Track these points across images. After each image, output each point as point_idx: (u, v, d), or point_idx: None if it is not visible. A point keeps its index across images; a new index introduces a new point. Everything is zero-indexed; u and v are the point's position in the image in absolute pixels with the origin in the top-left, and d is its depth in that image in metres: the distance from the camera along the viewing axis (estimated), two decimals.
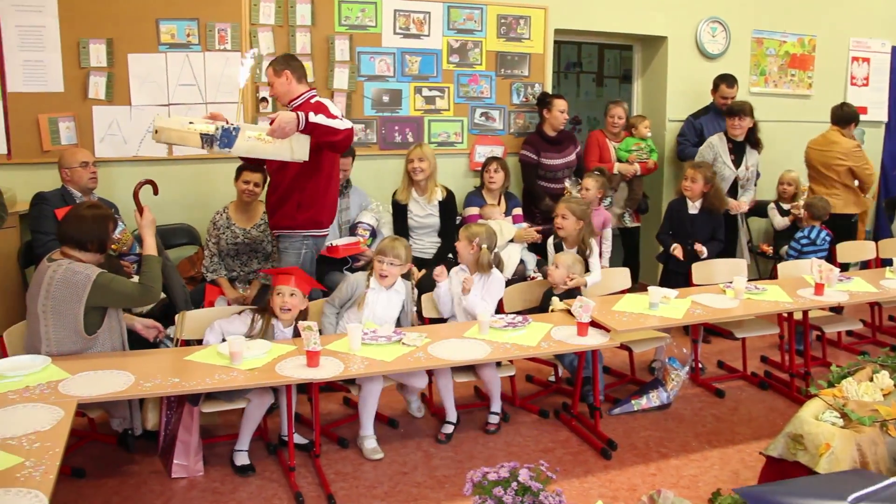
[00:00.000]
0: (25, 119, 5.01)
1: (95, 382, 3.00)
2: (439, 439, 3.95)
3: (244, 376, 3.20)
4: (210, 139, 3.74)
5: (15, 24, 4.93)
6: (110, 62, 5.15)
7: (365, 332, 3.67)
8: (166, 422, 3.61)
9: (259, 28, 5.38)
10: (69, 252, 3.43)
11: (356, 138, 5.64)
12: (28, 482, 2.14)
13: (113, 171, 5.15)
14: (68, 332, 3.35)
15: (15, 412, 2.66)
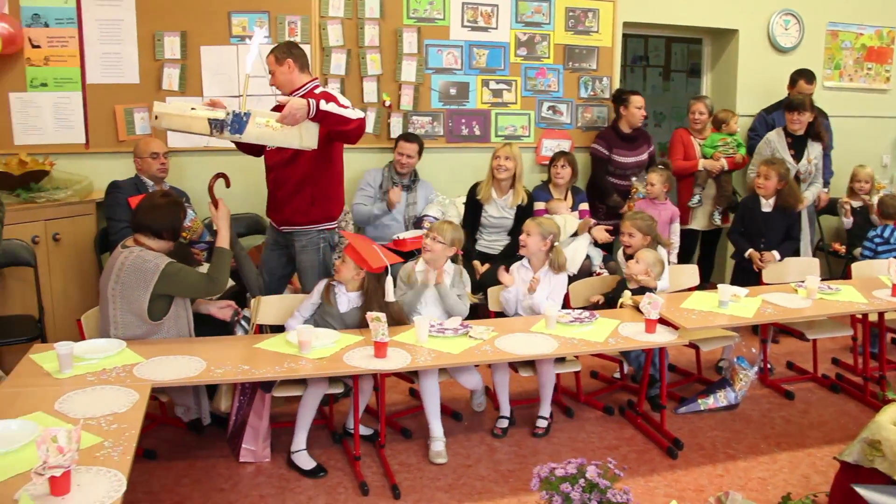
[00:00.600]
0: (103, 110, 5.15)
1: (168, 367, 3.07)
2: (495, 433, 3.95)
3: (312, 365, 3.23)
4: (220, 124, 3.62)
5: (95, 17, 5.07)
6: (184, 54, 5.25)
7: (432, 324, 3.68)
8: (238, 407, 3.67)
9: (328, 20, 5.42)
10: (141, 240, 3.52)
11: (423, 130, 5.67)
12: (107, 462, 2.20)
13: (184, 161, 5.27)
14: (134, 317, 3.44)
15: (93, 393, 2.74)
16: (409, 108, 5.66)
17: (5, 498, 1.98)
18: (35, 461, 1.98)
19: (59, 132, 5.11)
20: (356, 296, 3.79)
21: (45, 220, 4.53)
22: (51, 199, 4.59)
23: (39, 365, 3.02)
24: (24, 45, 4.98)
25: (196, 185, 4.99)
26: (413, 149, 5.16)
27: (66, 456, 1.96)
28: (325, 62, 5.46)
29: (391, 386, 4.41)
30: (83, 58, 5.09)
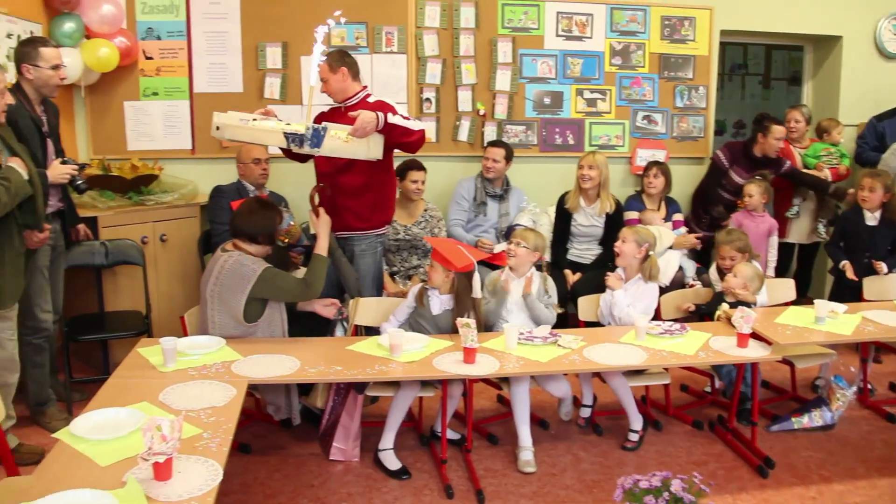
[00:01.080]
0: (208, 117, 5.34)
1: (265, 365, 3.19)
2: (626, 447, 3.93)
3: (402, 368, 3.29)
4: (299, 139, 3.82)
5: (203, 30, 5.34)
6: (284, 64, 5.46)
7: (521, 332, 3.71)
8: (332, 406, 3.78)
9: (424, 31, 5.54)
10: (240, 244, 3.67)
11: (517, 139, 5.71)
12: (205, 452, 2.32)
13: (284, 166, 5.42)
14: (230, 318, 3.58)
15: (194, 387, 2.88)
16: (503, 117, 5.72)
17: (114, 478, 2.12)
18: (140, 447, 2.11)
19: (167, 138, 5.40)
20: (448, 298, 3.85)
21: (153, 222, 4.79)
22: (159, 202, 4.85)
23: (146, 358, 3.19)
24: (139, 56, 5.28)
25: (295, 190, 5.17)
26: (499, 153, 5.20)
27: (169, 444, 2.08)
28: (421, 72, 5.57)
29: (480, 392, 4.45)
30: (191, 68, 5.37)
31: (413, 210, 5.00)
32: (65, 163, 3.77)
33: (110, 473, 2.17)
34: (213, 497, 2.06)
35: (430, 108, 5.64)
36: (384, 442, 3.67)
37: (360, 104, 4.01)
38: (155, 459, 2.07)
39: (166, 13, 5.33)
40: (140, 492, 2.03)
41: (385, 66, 5.56)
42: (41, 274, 3.87)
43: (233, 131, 3.84)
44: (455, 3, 5.53)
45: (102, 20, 4.96)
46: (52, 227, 3.89)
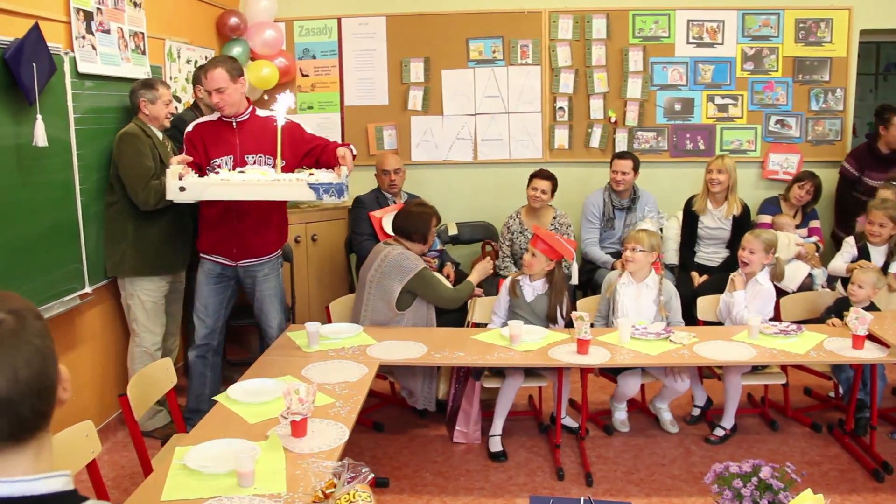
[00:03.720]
0: (357, 128, 5.94)
1: (396, 349, 3.59)
2: (710, 440, 4.06)
3: (520, 356, 3.59)
4: (337, 189, 3.53)
5: (353, 49, 5.88)
6: (427, 78, 5.89)
7: (636, 327, 3.90)
8: (454, 393, 4.15)
9: (557, 42, 5.81)
10: (400, 240, 4.14)
11: (647, 145, 5.88)
12: (336, 417, 2.72)
13: (425, 173, 5.89)
14: (383, 303, 4.02)
15: (332, 365, 3.32)
16: (634, 124, 5.90)
17: (260, 433, 2.56)
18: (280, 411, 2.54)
19: None
20: (541, 284, 4.12)
21: (305, 224, 5.35)
22: (312, 205, 5.39)
23: (293, 340, 3.68)
24: (296, 74, 5.89)
25: (431, 195, 5.54)
26: (628, 165, 5.29)
27: (305, 406, 2.49)
28: (555, 82, 5.85)
29: (601, 387, 4.65)
30: (342, 84, 5.93)
31: (543, 218, 5.22)
32: None
33: (257, 429, 2.61)
34: (338, 452, 2.45)
35: (562, 117, 5.91)
36: (493, 428, 3.98)
37: (252, 119, 3.85)
38: (293, 418, 2.49)
39: (320, 35, 5.90)
40: (279, 444, 2.46)
41: (520, 78, 5.88)
42: None
43: (212, 190, 3.47)
44: (587, 16, 5.77)
45: (265, 44, 5.59)
46: None
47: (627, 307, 4.13)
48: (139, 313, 4.06)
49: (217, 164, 3.76)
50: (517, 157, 5.96)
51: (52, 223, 3.58)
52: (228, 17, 5.49)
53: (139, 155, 3.87)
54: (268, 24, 5.66)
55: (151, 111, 4.00)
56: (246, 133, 3.81)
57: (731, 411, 4.10)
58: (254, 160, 3.76)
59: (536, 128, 5.95)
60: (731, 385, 4.05)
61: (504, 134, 5.96)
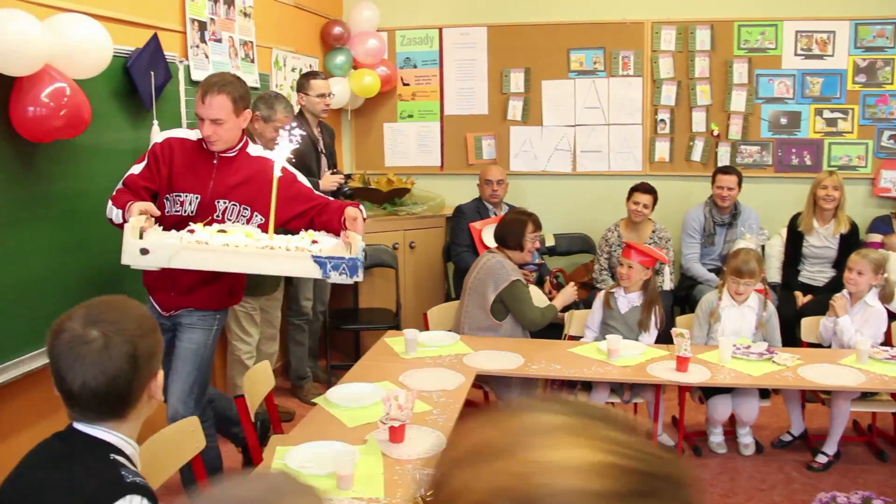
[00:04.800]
0: (456, 137, 5.99)
1: (492, 359, 3.60)
2: (813, 467, 3.90)
3: (617, 371, 3.55)
4: (350, 266, 2.72)
5: (454, 58, 5.94)
6: (527, 88, 5.90)
7: (737, 346, 3.80)
8: None
9: (660, 54, 5.73)
10: (500, 249, 4.17)
11: (751, 160, 5.73)
12: (434, 425, 2.75)
13: (523, 184, 5.89)
14: (481, 311, 4.04)
15: (430, 373, 3.35)
16: (737, 138, 5.75)
17: (358, 437, 2.61)
18: (380, 415, 2.58)
19: (419, 156, 6.06)
20: (636, 295, 4.06)
21: (404, 230, 5.43)
22: (410, 212, 5.48)
23: (391, 346, 3.73)
24: (397, 83, 5.98)
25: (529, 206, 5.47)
26: (733, 181, 5.10)
27: (404, 412, 2.53)
28: (656, 93, 5.77)
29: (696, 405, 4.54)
30: (442, 93, 6.00)
31: (641, 231, 5.15)
32: (334, 174, 4.48)
33: (355, 433, 2.66)
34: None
35: (664, 129, 5.82)
36: None
37: (240, 157, 3.05)
38: (391, 424, 2.53)
39: (422, 44, 5.98)
40: (378, 449, 2.50)
41: (621, 89, 5.82)
42: None
43: (184, 257, 2.67)
44: (691, 27, 5.67)
45: (367, 53, 5.70)
46: None
47: (729, 330, 4.02)
48: (232, 323, 4.07)
49: (179, 199, 2.96)
50: (616, 169, 5.89)
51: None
52: (332, 27, 5.62)
53: None
54: (370, 33, 5.77)
55: (261, 129, 3.93)
56: (226, 173, 2.99)
57: (835, 437, 3.94)
58: (224, 207, 2.96)
59: (637, 140, 5.87)
60: (839, 411, 3.88)
61: (604, 146, 5.91)
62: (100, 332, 1.47)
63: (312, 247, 2.72)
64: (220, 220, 2.94)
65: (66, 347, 1.47)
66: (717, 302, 4.08)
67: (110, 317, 1.51)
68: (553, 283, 5.06)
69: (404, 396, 2.55)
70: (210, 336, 3.13)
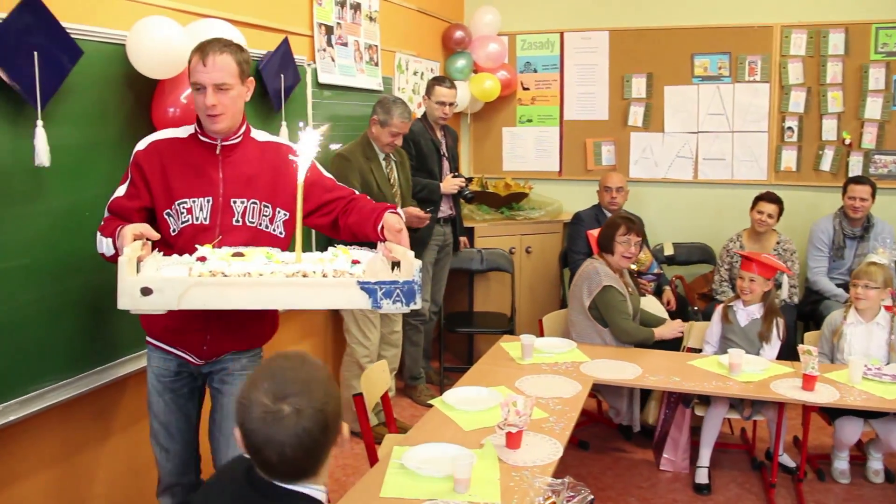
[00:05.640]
0: (575, 142, 5.96)
1: (610, 369, 3.55)
2: None
3: (739, 387, 3.42)
4: (407, 292, 2.12)
5: (574, 63, 5.92)
6: (649, 94, 5.80)
7: (868, 367, 3.63)
8: (663, 419, 4.04)
9: (789, 59, 5.52)
10: (600, 253, 4.13)
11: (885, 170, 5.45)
12: (550, 433, 2.74)
13: (643, 191, 5.79)
14: (581, 316, 4.01)
15: (546, 380, 3.34)
16: (870, 147, 5.48)
17: (474, 441, 2.62)
18: (497, 419, 2.58)
19: (537, 160, 6.06)
20: (756, 308, 3.92)
21: (520, 235, 5.43)
22: (527, 217, 5.48)
23: (507, 351, 3.73)
24: (517, 88, 6.00)
25: (648, 213, 5.48)
26: (866, 191, 4.85)
27: (522, 419, 2.53)
28: (784, 100, 5.56)
29: (821, 426, 4.36)
30: (562, 98, 5.97)
31: (765, 242, 4.97)
32: (456, 177, 4.53)
33: (471, 436, 2.68)
34: (552, 468, 2.47)
35: (791, 137, 5.60)
36: (700, 458, 3.82)
37: (245, 143, 2.49)
38: (509, 429, 2.53)
39: (542, 49, 5.97)
40: (494, 454, 2.51)
41: (747, 95, 5.64)
42: (424, 268, 4.65)
43: (197, 294, 2.06)
44: (823, 31, 5.43)
45: (488, 57, 5.73)
46: (443, 230, 4.72)
47: (856, 349, 3.82)
48: (351, 325, 4.10)
49: (186, 207, 2.39)
50: (740, 177, 5.72)
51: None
52: (454, 31, 5.68)
53: (343, 181, 3.39)
54: (491, 37, 5.80)
55: (377, 133, 4.00)
56: (235, 164, 2.45)
57: None
58: (244, 208, 2.43)
59: (762, 148, 5.67)
60: None
61: (727, 153, 5.74)
62: (291, 408, 1.51)
63: (354, 268, 2.14)
64: (240, 225, 2.41)
65: (260, 423, 1.52)
66: (843, 321, 3.89)
67: (296, 388, 1.54)
68: (674, 291, 4.96)
69: (523, 402, 2.55)
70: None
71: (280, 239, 2.48)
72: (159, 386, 2.55)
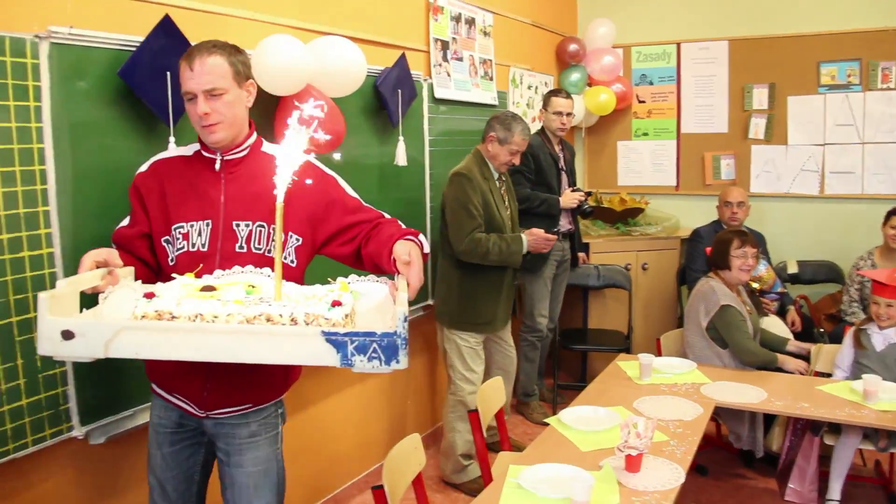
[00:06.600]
0: (693, 156, 5.78)
1: (732, 391, 3.38)
2: None
3: (874, 416, 3.19)
4: (388, 345, 1.68)
5: (692, 74, 5.75)
6: (771, 104, 5.57)
7: None
8: (788, 446, 3.82)
9: None
10: (714, 271, 3.97)
11: None
12: (671, 457, 2.62)
13: (765, 206, 5.56)
14: (698, 337, 3.85)
15: (665, 401, 3.21)
16: None
17: (591, 462, 2.54)
18: (615, 441, 2.50)
19: (654, 175, 5.90)
20: (893, 331, 3.65)
21: (636, 251, 5.31)
22: (643, 233, 5.34)
23: (624, 370, 3.62)
24: (632, 101, 5.87)
25: (771, 230, 5.24)
26: None
27: (643, 441, 2.43)
28: None
29: None
30: (679, 110, 5.81)
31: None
32: (575, 191, 4.46)
33: (589, 458, 2.59)
34: (674, 495, 2.36)
35: None
36: (830, 491, 3.58)
37: (252, 157, 2.16)
38: (629, 452, 2.44)
39: (659, 60, 5.83)
40: (613, 477, 2.41)
41: (880, 104, 5.33)
42: (544, 283, 4.59)
43: (126, 341, 1.69)
44: None
45: (603, 70, 5.63)
46: (562, 245, 4.64)
47: None
48: (456, 360, 3.81)
49: (182, 232, 2.09)
50: (871, 192, 5.40)
51: None
52: (568, 44, 5.62)
53: (466, 202, 3.61)
54: (606, 49, 5.70)
55: (495, 151, 3.74)
56: (239, 182, 2.13)
57: None
58: (247, 232, 2.09)
59: None
60: None
61: (857, 167, 5.44)
62: None
63: (332, 312, 1.71)
64: (244, 251, 2.06)
65: None
66: None
67: None
68: (798, 312, 4.72)
69: (643, 424, 2.45)
70: (278, 443, 2.23)
71: (291, 269, 2.09)
72: (159, 438, 2.20)
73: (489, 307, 3.80)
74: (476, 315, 3.78)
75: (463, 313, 3.77)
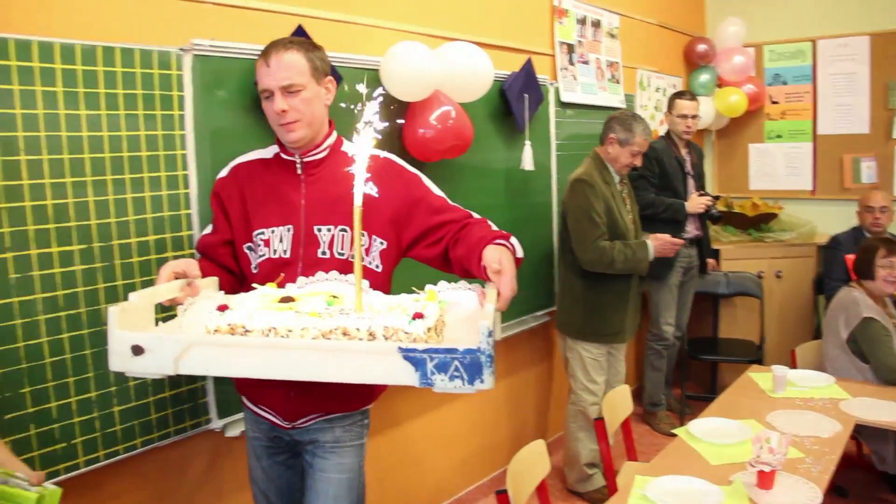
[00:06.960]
0: (830, 158, 5.50)
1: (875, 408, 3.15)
2: None
3: None
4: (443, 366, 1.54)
5: (829, 72, 5.48)
6: None
7: None
8: None
9: None
10: (858, 280, 3.75)
11: None
12: (806, 475, 2.49)
13: None
14: (838, 350, 3.65)
15: (800, 416, 3.05)
16: None
17: (721, 477, 2.44)
18: (746, 456, 2.40)
19: (788, 179, 5.66)
20: None
21: (769, 258, 5.10)
22: (777, 239, 5.14)
23: (756, 382, 3.47)
24: (765, 102, 5.65)
25: None
26: None
27: (776, 457, 2.33)
28: None
29: None
30: (815, 110, 5.54)
31: None
32: (702, 195, 4.34)
33: (719, 472, 2.50)
34: None
35: None
36: None
37: (332, 157, 2.08)
38: (761, 468, 2.34)
39: (793, 59, 5.59)
40: (744, 493, 2.32)
41: None
42: (669, 290, 4.48)
43: (195, 358, 1.61)
44: None
45: (733, 70, 5.45)
46: (689, 252, 4.53)
47: None
48: (577, 370, 3.76)
49: (263, 239, 2.05)
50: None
51: (532, 243, 3.85)
52: (696, 44, 5.47)
53: (589, 210, 3.52)
54: (737, 49, 5.51)
55: (615, 153, 3.62)
56: (320, 184, 2.06)
57: None
58: (330, 237, 2.02)
59: None
60: None
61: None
62: None
63: (412, 326, 1.56)
64: (327, 257, 2.00)
65: None
66: None
67: None
68: None
69: (777, 439, 2.35)
70: (362, 453, 2.17)
71: (377, 274, 2.02)
72: (256, 451, 2.21)
73: (617, 317, 3.71)
74: (604, 326, 3.70)
75: (589, 324, 3.70)
